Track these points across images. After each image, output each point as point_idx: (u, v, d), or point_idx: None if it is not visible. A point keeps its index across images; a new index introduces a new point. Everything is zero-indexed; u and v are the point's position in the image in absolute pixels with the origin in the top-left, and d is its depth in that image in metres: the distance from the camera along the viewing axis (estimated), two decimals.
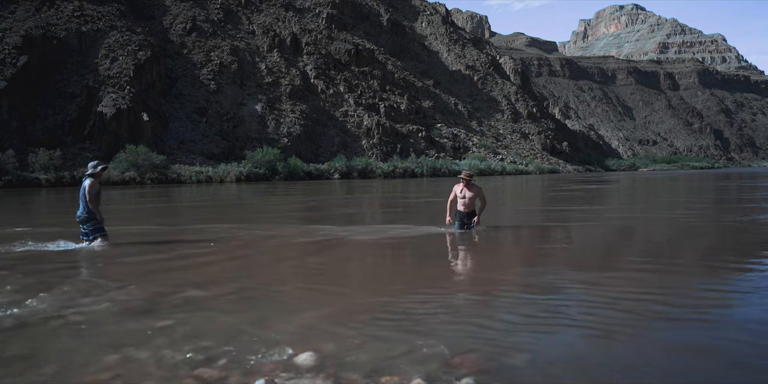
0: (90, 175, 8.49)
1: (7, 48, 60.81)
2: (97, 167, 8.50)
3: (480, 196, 10.00)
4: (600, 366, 3.24)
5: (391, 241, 9.13)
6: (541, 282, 5.64)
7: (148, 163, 52.49)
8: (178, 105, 76.43)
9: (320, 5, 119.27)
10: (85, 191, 8.34)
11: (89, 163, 8.69)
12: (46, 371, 3.15)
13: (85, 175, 8.64)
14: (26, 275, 6.09)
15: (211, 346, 3.50)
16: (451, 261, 7.46)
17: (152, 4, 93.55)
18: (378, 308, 4.55)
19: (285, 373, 3.03)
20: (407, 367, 3.09)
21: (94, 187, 8.40)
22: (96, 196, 8.42)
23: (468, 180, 9.78)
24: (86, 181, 8.47)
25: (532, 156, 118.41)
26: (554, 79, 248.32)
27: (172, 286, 5.44)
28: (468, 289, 5.49)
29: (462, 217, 9.92)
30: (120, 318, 4.26)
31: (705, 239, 9.53)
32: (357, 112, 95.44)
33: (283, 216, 15.35)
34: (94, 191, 8.37)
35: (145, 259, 7.44)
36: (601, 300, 4.79)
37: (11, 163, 45.44)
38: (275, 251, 8.26)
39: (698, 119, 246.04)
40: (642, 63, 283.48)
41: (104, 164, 8.79)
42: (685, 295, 5.10)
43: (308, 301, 4.87)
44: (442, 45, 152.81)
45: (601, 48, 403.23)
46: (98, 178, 8.56)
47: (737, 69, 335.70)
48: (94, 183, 8.41)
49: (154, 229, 11.33)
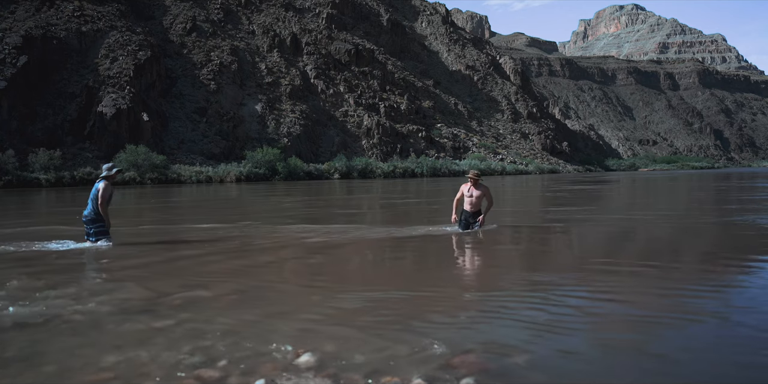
0: (104, 177, 8.46)
1: (7, 48, 60.81)
2: (112, 170, 8.48)
3: (487, 196, 10.01)
4: (600, 366, 3.24)
5: (392, 240, 9.13)
6: (541, 282, 5.64)
7: (148, 163, 52.50)
8: (178, 105, 76.44)
9: (320, 5, 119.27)
10: (99, 193, 8.31)
11: (104, 165, 8.66)
12: (46, 371, 3.15)
13: (99, 177, 8.59)
14: (27, 275, 6.09)
15: (212, 347, 3.50)
16: (452, 261, 7.46)
17: (152, 4, 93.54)
18: (378, 308, 4.55)
19: (285, 374, 3.03)
20: (407, 368, 3.08)
21: (108, 190, 8.38)
22: (108, 199, 8.42)
23: (476, 179, 9.85)
24: (100, 183, 8.42)
25: (532, 156, 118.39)
26: (554, 79, 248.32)
27: (173, 286, 5.44)
28: (468, 289, 5.49)
29: (467, 216, 9.94)
30: (120, 318, 4.26)
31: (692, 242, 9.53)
32: (357, 112, 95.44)
33: (283, 216, 15.35)
34: (107, 194, 8.36)
35: (145, 259, 7.44)
36: (602, 301, 4.79)
37: (11, 163, 45.44)
38: (275, 251, 8.26)
39: (698, 119, 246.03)
40: (642, 63, 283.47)
41: (119, 167, 8.77)
42: (684, 296, 5.10)
43: (308, 301, 4.87)
44: (442, 45, 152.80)
45: (601, 48, 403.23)
46: (112, 180, 8.54)
47: (737, 69, 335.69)
48: (107, 186, 8.39)
49: (155, 229, 11.33)
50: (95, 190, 8.41)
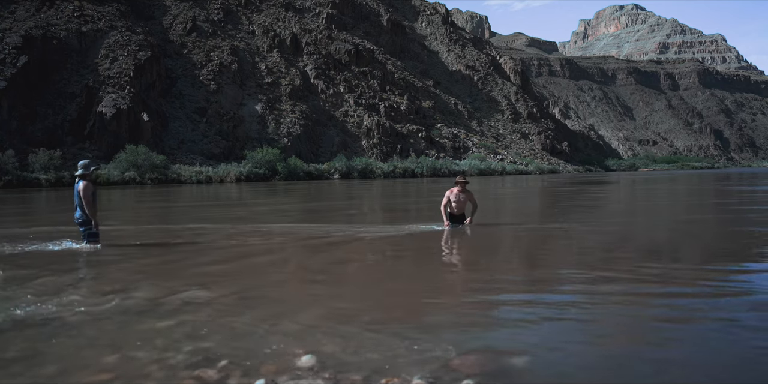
0: (82, 175, 8.20)
1: (7, 48, 60.82)
2: (89, 168, 8.22)
3: (471, 200, 10.50)
4: (600, 368, 3.24)
5: (391, 240, 9.12)
6: (541, 283, 5.64)
7: (148, 163, 52.50)
8: (178, 105, 76.45)
9: (320, 5, 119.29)
10: (81, 195, 8.09)
11: (79, 163, 8.37)
12: (47, 372, 3.15)
13: (76, 177, 8.28)
14: (27, 275, 6.08)
15: (212, 347, 3.50)
16: (451, 261, 7.46)
17: (152, 4, 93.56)
18: (378, 308, 4.55)
19: (285, 374, 3.03)
20: (408, 368, 3.08)
21: (89, 189, 8.14)
22: (92, 198, 8.21)
23: (465, 184, 10.29)
24: (79, 184, 8.17)
25: (532, 156, 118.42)
26: (554, 79, 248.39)
27: (173, 286, 5.44)
28: (469, 290, 5.49)
29: (455, 220, 10.31)
30: (120, 318, 4.25)
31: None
32: (357, 112, 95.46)
33: (284, 216, 15.35)
34: (89, 194, 8.13)
35: (146, 259, 7.43)
36: (602, 302, 4.79)
37: (11, 163, 45.46)
38: (276, 251, 8.25)
39: (698, 119, 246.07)
40: (642, 63, 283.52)
41: (96, 164, 8.50)
42: (682, 298, 5.10)
43: (308, 301, 4.87)
44: (442, 45, 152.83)
45: (601, 48, 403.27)
46: (89, 178, 8.28)
47: (737, 69, 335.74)
48: (87, 185, 8.15)
49: (155, 229, 11.33)
50: (76, 192, 8.18)
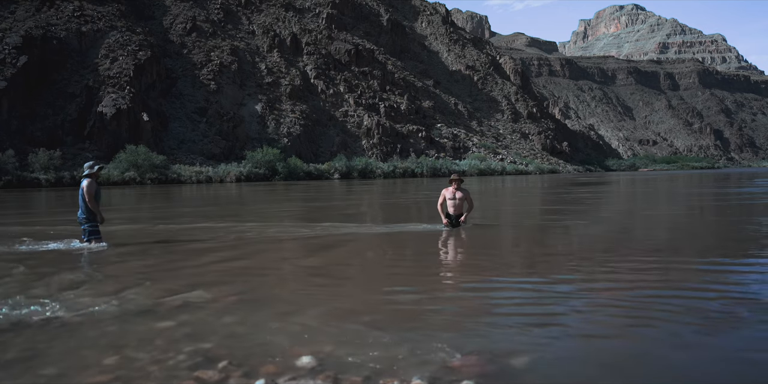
0: (87, 175, 8.54)
1: (7, 48, 60.82)
2: (94, 167, 8.55)
3: (468, 199, 10.39)
4: (600, 369, 3.24)
5: (391, 240, 9.12)
6: (542, 284, 5.64)
7: (148, 163, 52.51)
8: (178, 105, 76.44)
9: (320, 5, 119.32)
10: (84, 192, 8.39)
11: (85, 164, 8.75)
12: (46, 373, 3.15)
13: (82, 176, 8.70)
14: (27, 275, 6.09)
15: (212, 348, 3.49)
16: (451, 261, 7.45)
17: (152, 4, 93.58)
18: (378, 309, 4.55)
19: (285, 375, 3.03)
20: (408, 369, 3.08)
21: (92, 186, 8.44)
22: (95, 196, 8.46)
23: (459, 182, 10.19)
24: (84, 181, 8.52)
25: (532, 156, 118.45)
26: (554, 79, 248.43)
27: (173, 286, 5.44)
28: (468, 290, 5.48)
29: (451, 219, 10.25)
30: (120, 319, 4.25)
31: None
32: (357, 112, 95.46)
33: (283, 216, 15.35)
34: (92, 190, 8.42)
35: (146, 259, 7.43)
36: (602, 304, 4.79)
37: (11, 163, 45.47)
38: (276, 251, 8.26)
39: (698, 119, 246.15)
40: (642, 63, 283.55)
41: (100, 164, 8.82)
42: (682, 298, 5.10)
43: (308, 301, 4.86)
44: (442, 45, 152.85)
45: (601, 48, 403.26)
46: (95, 178, 8.61)
47: (737, 69, 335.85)
48: (91, 183, 8.47)
49: (155, 229, 11.32)
50: (81, 190, 8.52)
